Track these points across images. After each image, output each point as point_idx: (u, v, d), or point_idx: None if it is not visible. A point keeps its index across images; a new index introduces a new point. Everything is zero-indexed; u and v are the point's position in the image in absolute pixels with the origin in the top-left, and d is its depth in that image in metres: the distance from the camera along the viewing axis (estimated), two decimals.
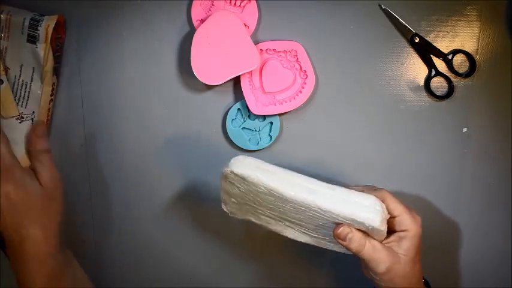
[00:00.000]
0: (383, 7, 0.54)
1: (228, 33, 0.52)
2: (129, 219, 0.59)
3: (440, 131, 0.56)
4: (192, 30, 0.53)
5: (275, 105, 0.54)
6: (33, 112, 0.53)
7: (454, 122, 0.56)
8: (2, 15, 0.50)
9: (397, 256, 0.44)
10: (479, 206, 0.57)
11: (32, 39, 0.51)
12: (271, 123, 0.56)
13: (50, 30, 0.52)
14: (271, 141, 0.56)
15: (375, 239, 0.44)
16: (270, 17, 0.54)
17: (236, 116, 0.56)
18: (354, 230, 0.43)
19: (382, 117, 0.56)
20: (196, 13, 0.53)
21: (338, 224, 0.43)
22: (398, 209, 0.45)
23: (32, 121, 0.53)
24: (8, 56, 0.52)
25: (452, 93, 0.55)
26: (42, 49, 0.52)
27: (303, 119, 0.56)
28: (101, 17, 0.55)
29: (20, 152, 0.53)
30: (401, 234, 0.44)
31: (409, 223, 0.44)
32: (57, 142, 0.57)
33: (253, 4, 0.53)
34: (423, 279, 0.49)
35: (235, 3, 0.53)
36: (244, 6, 0.53)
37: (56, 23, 0.52)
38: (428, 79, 0.55)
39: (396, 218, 0.45)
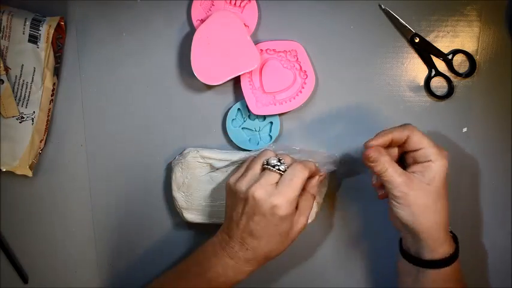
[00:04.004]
0: (383, 7, 0.54)
1: (228, 33, 0.52)
2: (130, 219, 0.59)
3: (440, 131, 0.56)
4: (192, 30, 0.53)
5: (275, 105, 0.54)
6: (34, 112, 0.53)
7: (454, 122, 0.56)
8: (3, 16, 0.50)
9: (416, 182, 0.46)
10: (479, 206, 0.57)
11: (33, 39, 0.52)
12: (271, 123, 0.56)
13: (51, 31, 0.52)
14: (271, 141, 0.56)
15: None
16: (270, 17, 0.54)
17: (236, 116, 0.56)
18: (382, 152, 0.46)
19: (382, 117, 0.56)
20: (196, 13, 0.54)
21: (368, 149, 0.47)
22: (423, 142, 0.46)
23: (32, 121, 0.53)
24: (8, 55, 0.52)
25: (452, 93, 0.55)
26: (43, 49, 0.52)
27: (303, 119, 0.56)
28: (101, 18, 0.55)
29: (20, 151, 0.53)
30: (425, 164, 0.46)
31: (433, 155, 0.46)
32: (57, 142, 0.57)
33: (253, 4, 0.53)
34: (451, 232, 0.49)
35: (235, 3, 0.53)
36: (244, 6, 0.53)
37: (56, 23, 0.52)
38: (428, 79, 0.55)
39: (421, 150, 0.46)
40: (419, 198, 0.46)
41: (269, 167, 0.47)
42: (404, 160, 0.50)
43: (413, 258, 0.49)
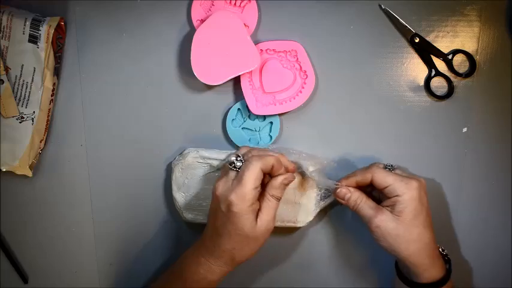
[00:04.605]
0: (383, 7, 0.54)
1: (228, 33, 0.52)
2: (130, 219, 0.59)
3: (440, 131, 0.56)
4: (192, 30, 0.53)
5: (275, 105, 0.54)
6: (34, 112, 0.53)
7: (454, 122, 0.56)
8: (3, 16, 0.51)
9: (386, 214, 0.48)
10: (479, 206, 0.57)
11: (33, 39, 0.52)
12: (271, 123, 0.56)
13: (52, 31, 0.52)
14: (271, 141, 0.56)
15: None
16: (270, 17, 0.54)
17: (236, 116, 0.56)
18: (351, 190, 0.50)
19: (382, 117, 0.56)
20: (196, 13, 0.54)
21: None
22: (388, 180, 0.48)
23: (32, 121, 0.53)
24: (9, 55, 0.52)
25: (452, 93, 0.55)
26: (44, 49, 0.52)
27: (303, 119, 0.56)
28: (101, 18, 0.55)
29: (20, 151, 0.53)
30: (393, 199, 0.48)
31: (400, 189, 0.48)
32: (57, 142, 0.57)
33: (253, 4, 0.53)
34: (446, 257, 0.51)
35: (235, 3, 0.53)
36: (244, 6, 0.53)
37: (56, 23, 0.52)
38: (428, 79, 0.55)
39: (388, 188, 0.48)
40: (391, 229, 0.48)
41: (228, 164, 0.47)
42: (381, 197, 0.51)
43: (405, 279, 0.50)
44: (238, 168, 0.46)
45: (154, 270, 0.60)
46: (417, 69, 0.55)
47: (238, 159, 0.47)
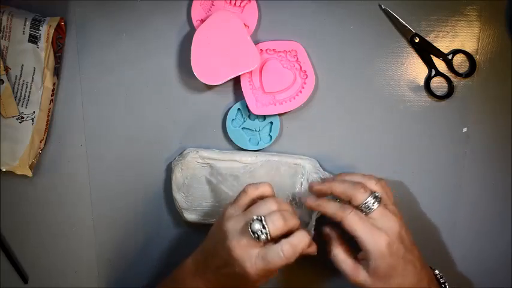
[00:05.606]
0: (383, 7, 0.54)
1: (228, 33, 0.52)
2: (130, 219, 0.59)
3: (440, 131, 0.56)
4: (192, 30, 0.53)
5: (275, 105, 0.54)
6: (34, 112, 0.53)
7: (454, 122, 0.56)
8: (3, 16, 0.51)
9: (361, 274, 0.45)
10: (479, 206, 0.57)
11: (33, 39, 0.52)
12: (271, 123, 0.56)
13: (52, 31, 0.52)
14: (271, 141, 0.56)
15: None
16: (270, 17, 0.54)
17: (236, 116, 0.56)
18: (333, 242, 0.48)
19: (382, 117, 0.56)
20: (196, 13, 0.54)
21: None
22: (357, 228, 0.44)
23: (32, 121, 0.53)
24: (8, 55, 0.52)
25: (452, 93, 0.55)
26: (44, 49, 0.52)
27: (303, 119, 0.56)
28: (101, 18, 0.55)
29: (20, 151, 0.53)
30: (364, 254, 0.45)
31: (369, 245, 0.44)
32: (57, 142, 0.57)
33: (253, 4, 0.53)
34: (443, 285, 0.50)
35: (235, 3, 0.53)
36: (244, 6, 0.53)
37: (56, 23, 0.52)
38: (428, 79, 0.55)
39: (357, 239, 0.45)
40: (369, 285, 0.45)
41: (250, 231, 0.43)
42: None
43: None
44: (264, 240, 0.43)
45: (154, 271, 0.60)
46: (417, 69, 0.55)
47: (264, 232, 0.42)
